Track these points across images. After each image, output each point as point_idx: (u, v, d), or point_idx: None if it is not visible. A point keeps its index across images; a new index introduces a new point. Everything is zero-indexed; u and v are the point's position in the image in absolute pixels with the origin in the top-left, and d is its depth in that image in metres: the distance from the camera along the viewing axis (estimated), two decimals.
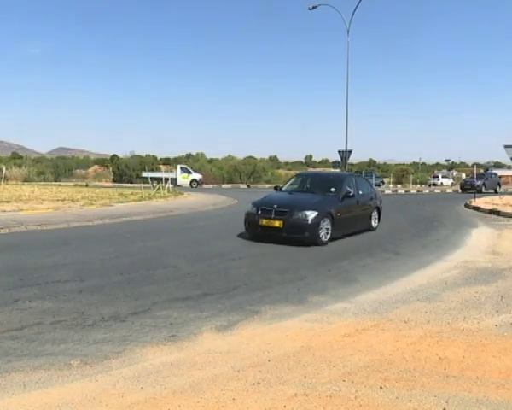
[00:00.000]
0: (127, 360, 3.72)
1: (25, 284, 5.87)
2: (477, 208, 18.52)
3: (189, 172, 40.52)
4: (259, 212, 9.74)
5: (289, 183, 12.13)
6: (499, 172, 42.99)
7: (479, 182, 34.12)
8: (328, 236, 9.60)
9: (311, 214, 9.26)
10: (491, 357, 3.90)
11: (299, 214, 9.29)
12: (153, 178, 29.74)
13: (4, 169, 36.35)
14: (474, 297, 5.72)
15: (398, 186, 48.29)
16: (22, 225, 10.79)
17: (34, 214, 12.99)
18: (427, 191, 36.60)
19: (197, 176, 40.81)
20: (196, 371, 3.56)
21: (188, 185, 38.47)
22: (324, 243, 9.42)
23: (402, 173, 58.56)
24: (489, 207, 18.11)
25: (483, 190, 33.57)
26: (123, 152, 71.30)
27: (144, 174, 37.54)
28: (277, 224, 9.36)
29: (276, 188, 11.96)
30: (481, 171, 41.69)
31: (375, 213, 11.96)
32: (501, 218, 15.59)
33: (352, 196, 10.70)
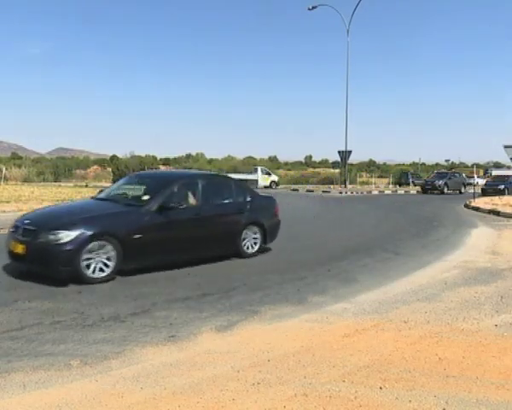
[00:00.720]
0: (127, 361, 3.72)
1: (24, 284, 5.86)
2: (476, 208, 18.52)
3: (269, 174, 40.88)
4: (12, 230, 6.54)
5: (115, 185, 8.68)
6: (499, 172, 41.99)
7: (440, 182, 32.00)
8: (109, 270, 6.09)
9: (68, 237, 5.87)
10: (491, 357, 3.90)
11: (49, 236, 5.92)
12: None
13: (4, 169, 36.32)
14: (474, 297, 5.72)
15: (398, 186, 48.26)
16: None
17: None
18: None
19: (275, 177, 41.22)
20: (196, 371, 3.56)
21: (268, 186, 38.66)
22: (100, 281, 6.00)
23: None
24: (488, 207, 18.12)
25: (445, 190, 31.40)
26: (122, 152, 71.49)
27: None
28: (20, 249, 6.08)
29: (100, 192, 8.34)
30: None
31: (251, 232, 8.09)
32: (501, 218, 15.59)
33: (183, 207, 7.18)
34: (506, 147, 20.36)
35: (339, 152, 32.23)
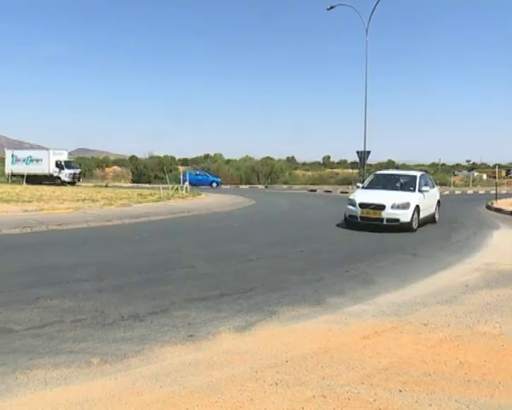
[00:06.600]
0: (146, 359, 3.75)
1: (46, 282, 5.97)
2: (499, 210, 18.20)
3: None
4: None
5: None
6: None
7: None
8: None
9: None
10: None
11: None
12: None
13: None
14: (496, 300, 5.61)
15: None
16: (43, 225, 10.98)
17: (55, 214, 13.20)
18: (446, 192, 35.99)
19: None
20: (214, 371, 3.57)
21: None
22: None
23: None
24: (511, 208, 17.79)
25: None
26: (142, 153, 72.17)
27: None
28: None
29: None
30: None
31: None
32: None
33: None
34: None
35: (357, 152, 31.89)
